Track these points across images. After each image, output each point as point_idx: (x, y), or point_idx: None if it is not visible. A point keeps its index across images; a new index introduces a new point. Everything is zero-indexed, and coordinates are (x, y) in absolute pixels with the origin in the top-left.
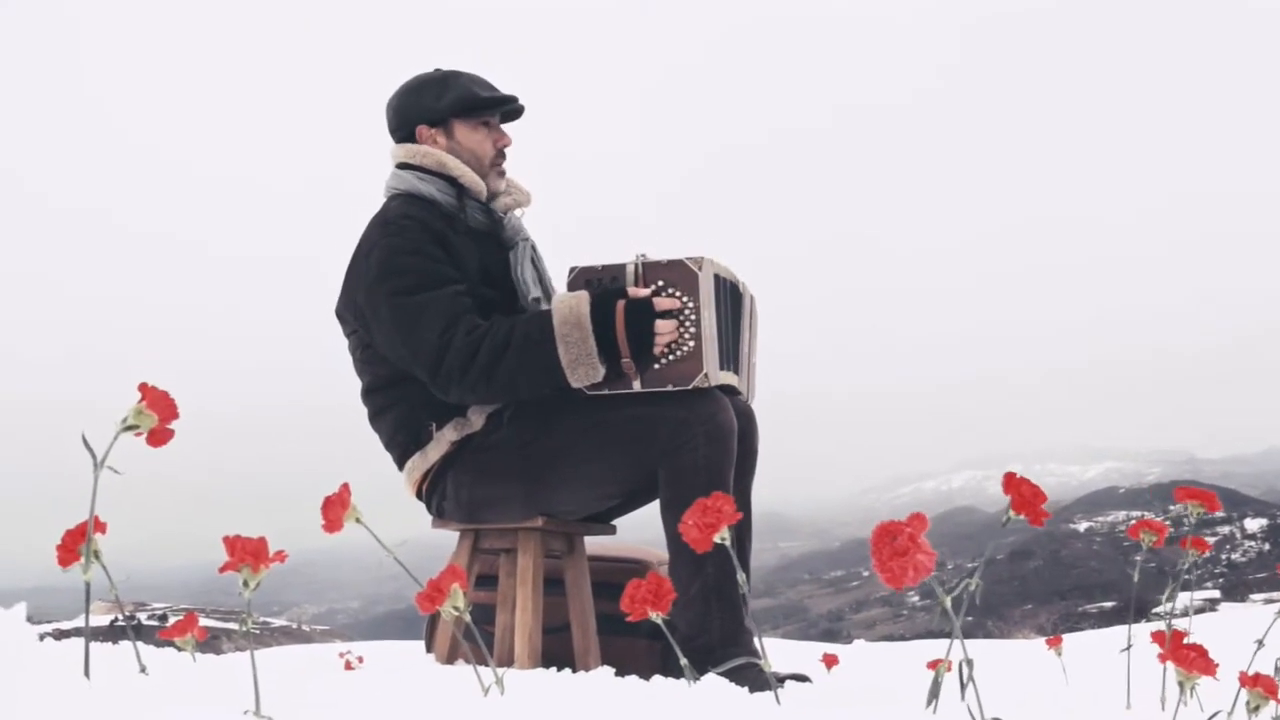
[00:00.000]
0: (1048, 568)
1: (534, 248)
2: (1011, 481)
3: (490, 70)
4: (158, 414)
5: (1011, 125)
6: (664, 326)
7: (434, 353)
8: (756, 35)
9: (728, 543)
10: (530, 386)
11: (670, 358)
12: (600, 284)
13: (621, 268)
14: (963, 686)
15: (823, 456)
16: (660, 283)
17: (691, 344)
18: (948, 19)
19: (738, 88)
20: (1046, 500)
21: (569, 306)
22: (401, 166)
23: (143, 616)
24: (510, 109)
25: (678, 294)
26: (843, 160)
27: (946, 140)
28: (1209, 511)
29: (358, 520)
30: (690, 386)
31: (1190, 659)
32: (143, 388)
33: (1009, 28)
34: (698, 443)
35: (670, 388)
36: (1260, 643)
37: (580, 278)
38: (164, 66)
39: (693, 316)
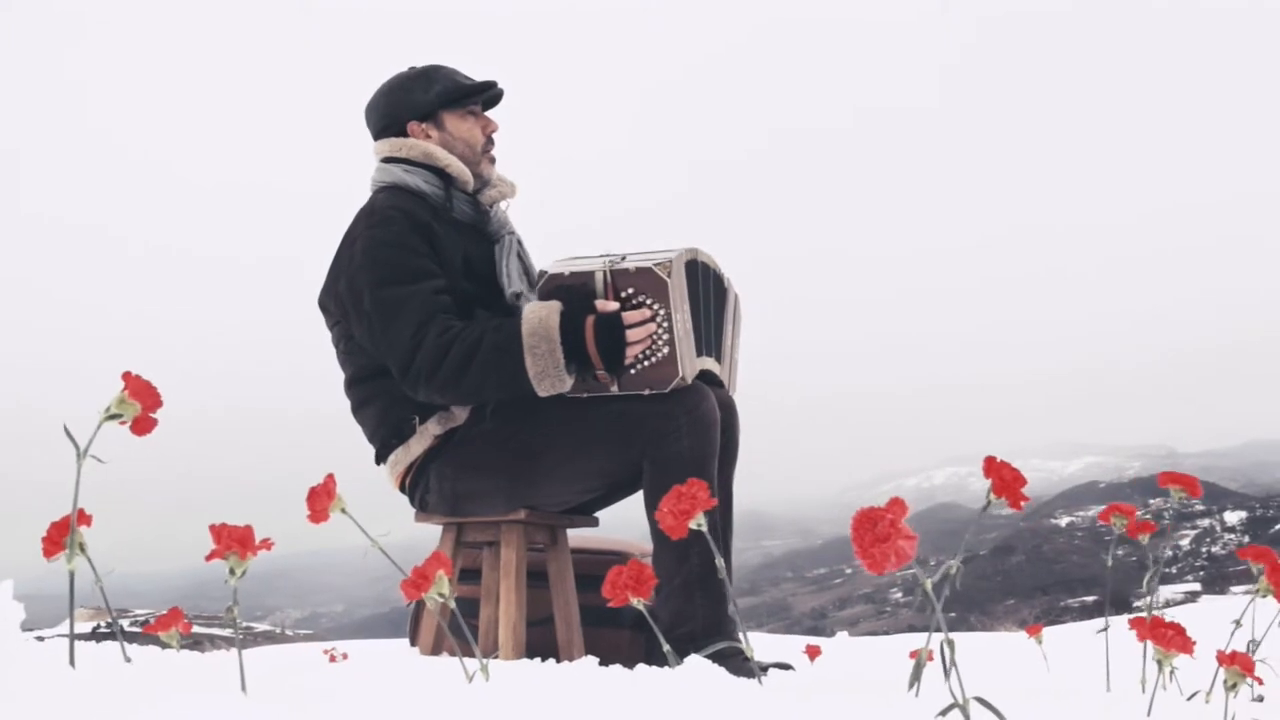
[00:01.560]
0: (1030, 562)
1: (519, 242)
2: (992, 465)
3: (486, 72)
4: (141, 402)
5: (998, 132)
6: (635, 336)
7: (406, 352)
8: (757, 40)
9: (704, 529)
10: (497, 392)
11: (645, 363)
12: (570, 289)
13: (590, 275)
14: (945, 668)
15: (805, 455)
16: (630, 290)
17: (665, 350)
18: (947, 27)
19: (737, 90)
20: (1026, 484)
21: (538, 318)
22: (387, 160)
23: (125, 623)
24: (492, 94)
25: (647, 301)
26: (835, 167)
27: (931, 148)
28: (1191, 496)
29: (343, 511)
30: (668, 390)
31: (1168, 637)
32: (126, 376)
33: (1004, 38)
34: (682, 434)
35: (647, 392)
36: (1237, 623)
37: (549, 284)
38: (153, 67)
39: (664, 323)
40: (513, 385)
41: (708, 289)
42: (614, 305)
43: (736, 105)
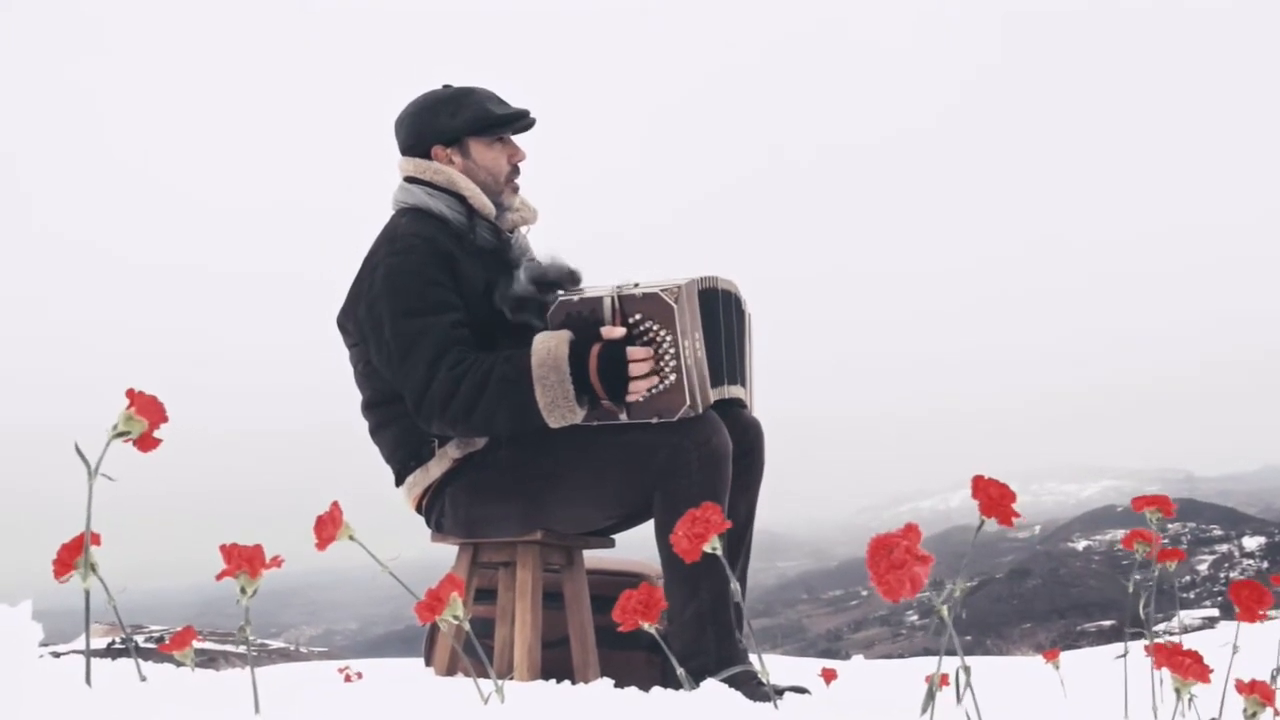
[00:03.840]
0: (1046, 586)
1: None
2: (979, 484)
3: (494, 85)
4: (147, 418)
5: (1011, 151)
6: (638, 370)
7: (420, 385)
8: (767, 58)
9: (719, 552)
10: (509, 425)
11: (653, 391)
12: (580, 317)
13: (599, 301)
14: (959, 694)
15: (820, 476)
16: (638, 316)
17: (673, 377)
18: (946, 51)
19: (743, 112)
20: (1015, 500)
21: (547, 349)
22: (410, 180)
23: (139, 639)
24: (524, 123)
25: (654, 327)
26: (843, 186)
27: (946, 168)
28: (1166, 516)
29: (351, 538)
30: (676, 419)
31: (1185, 665)
32: (130, 393)
33: (1016, 56)
34: (692, 469)
35: (656, 420)
36: (1235, 647)
37: (560, 311)
38: (160, 86)
39: (671, 350)
40: (524, 417)
41: (730, 316)
42: (620, 331)
43: (749, 122)
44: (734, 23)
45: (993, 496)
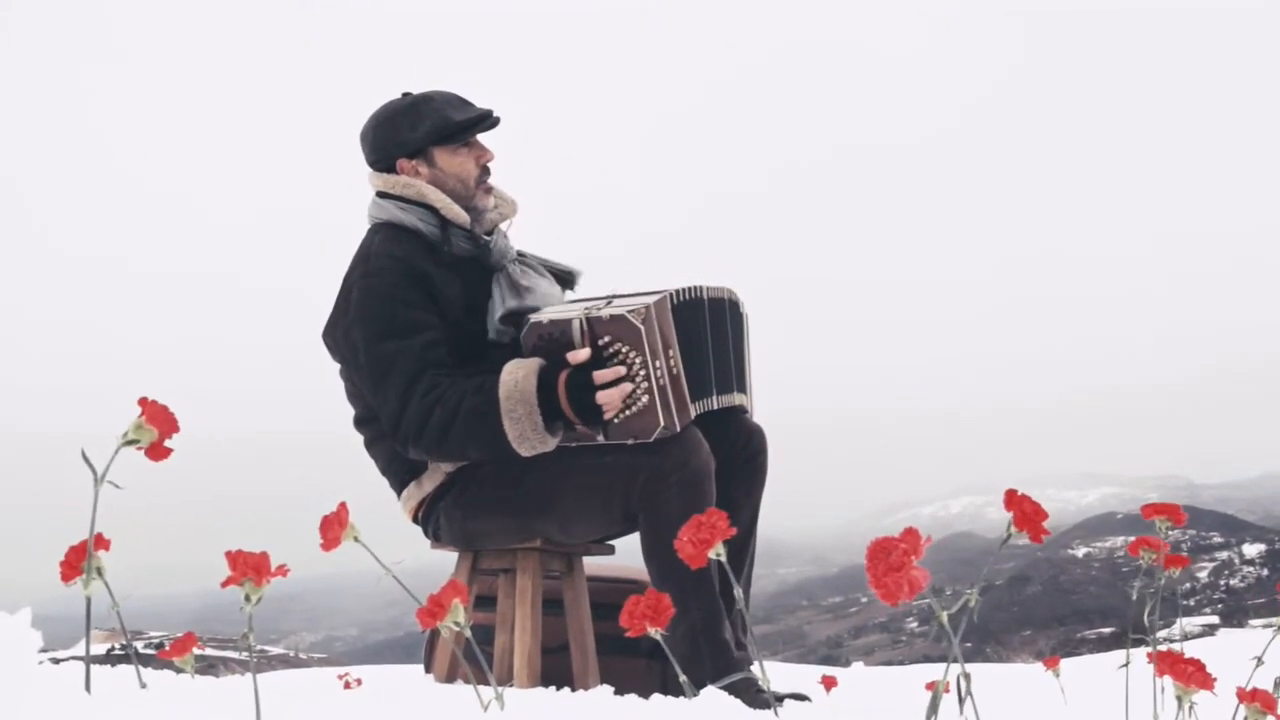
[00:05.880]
0: (1046, 593)
1: (524, 265)
2: (1013, 499)
3: (496, 88)
4: (158, 428)
5: (1015, 161)
6: (606, 396)
7: (394, 414)
8: (773, 64)
9: (723, 558)
10: (481, 454)
11: (627, 413)
12: (550, 339)
13: (569, 323)
14: (960, 700)
15: (820, 482)
16: (606, 338)
17: (645, 399)
18: (955, 56)
19: (747, 115)
20: (1047, 518)
21: (514, 381)
22: (381, 195)
23: (140, 645)
24: (487, 124)
25: (624, 349)
26: (844, 194)
27: (951, 176)
28: (1175, 525)
29: (356, 539)
30: (652, 439)
31: (1188, 673)
32: (142, 402)
33: (1025, 69)
34: (671, 494)
35: (632, 441)
36: (1259, 660)
37: (532, 333)
38: (159, 89)
39: (642, 371)
40: (494, 448)
41: (720, 324)
42: (585, 354)
43: (755, 125)
44: (736, 24)
45: (1026, 512)
